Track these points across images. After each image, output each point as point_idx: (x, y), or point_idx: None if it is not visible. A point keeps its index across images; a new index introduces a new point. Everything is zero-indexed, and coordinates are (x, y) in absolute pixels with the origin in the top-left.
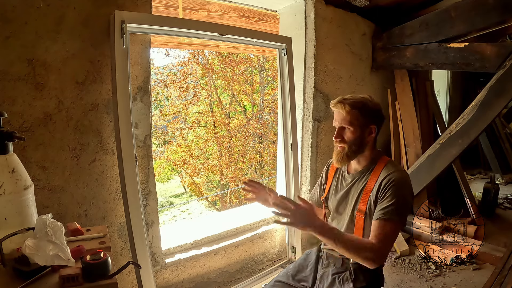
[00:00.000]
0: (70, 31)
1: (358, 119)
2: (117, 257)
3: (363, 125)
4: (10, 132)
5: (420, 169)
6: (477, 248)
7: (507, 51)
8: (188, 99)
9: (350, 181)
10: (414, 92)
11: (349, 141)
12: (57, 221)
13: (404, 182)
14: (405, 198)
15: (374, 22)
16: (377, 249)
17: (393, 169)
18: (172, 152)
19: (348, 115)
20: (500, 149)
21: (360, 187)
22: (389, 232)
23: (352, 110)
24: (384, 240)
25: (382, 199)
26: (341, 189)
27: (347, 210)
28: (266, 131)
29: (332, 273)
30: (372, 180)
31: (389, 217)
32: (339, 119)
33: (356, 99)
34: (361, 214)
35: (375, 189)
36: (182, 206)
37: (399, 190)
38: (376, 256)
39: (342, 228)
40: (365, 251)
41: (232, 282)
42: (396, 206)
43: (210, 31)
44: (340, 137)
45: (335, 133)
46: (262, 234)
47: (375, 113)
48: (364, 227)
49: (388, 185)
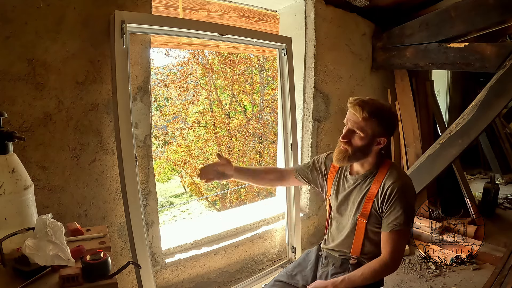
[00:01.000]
0: (70, 31)
1: (372, 128)
2: (117, 257)
3: (374, 135)
4: (10, 132)
5: (420, 169)
6: (477, 248)
7: (507, 51)
8: (188, 99)
9: (353, 183)
10: (414, 92)
11: (355, 146)
12: (57, 221)
13: (408, 189)
14: (411, 205)
15: (374, 22)
16: (392, 264)
17: (396, 176)
18: (172, 152)
19: (363, 122)
20: (500, 149)
21: (363, 191)
22: (400, 241)
23: (368, 118)
24: (396, 251)
25: (388, 210)
26: (343, 189)
27: (348, 213)
28: (266, 131)
29: (332, 273)
30: (375, 185)
31: (399, 228)
32: (352, 121)
33: (375, 106)
34: (363, 218)
35: (379, 195)
36: (182, 206)
37: (404, 199)
38: (394, 268)
39: (343, 233)
40: (382, 273)
41: (232, 282)
42: (404, 216)
43: (210, 31)
44: (347, 138)
45: (343, 132)
46: (262, 234)
47: (390, 125)
48: (366, 230)
49: (393, 195)
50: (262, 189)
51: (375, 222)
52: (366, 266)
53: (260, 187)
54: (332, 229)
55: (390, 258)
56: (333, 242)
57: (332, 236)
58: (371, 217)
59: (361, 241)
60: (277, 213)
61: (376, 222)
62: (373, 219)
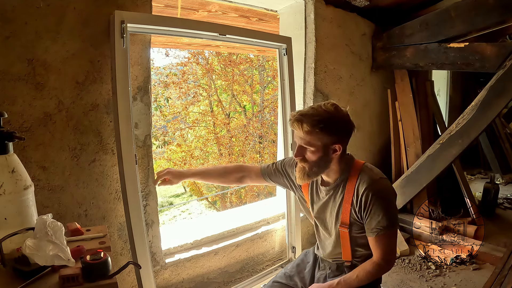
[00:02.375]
0: (70, 31)
1: (320, 139)
2: (117, 257)
3: (327, 145)
4: (10, 132)
5: (420, 169)
6: (477, 248)
7: (507, 51)
8: (188, 99)
9: (325, 194)
10: (414, 92)
11: (311, 161)
12: (57, 221)
13: (383, 191)
14: (390, 206)
15: (374, 22)
16: (384, 265)
17: (368, 181)
18: (172, 152)
19: (308, 136)
20: (500, 149)
21: (337, 202)
22: (388, 242)
23: (312, 130)
24: (386, 252)
25: (368, 216)
26: (318, 201)
27: (329, 224)
28: (266, 131)
29: (329, 276)
30: (348, 193)
31: (384, 232)
32: (298, 138)
33: (316, 115)
34: (345, 227)
35: (355, 204)
36: (182, 206)
37: (382, 202)
38: (387, 268)
39: (329, 243)
40: (376, 274)
41: (232, 282)
42: (386, 218)
43: (210, 31)
44: (300, 155)
45: (295, 150)
46: (262, 234)
47: (341, 128)
48: (350, 237)
49: (369, 202)
50: (262, 189)
51: (358, 229)
52: (360, 268)
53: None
54: (320, 238)
55: (382, 259)
56: (324, 252)
57: (321, 245)
58: (352, 225)
59: (349, 248)
60: (277, 213)
61: (358, 228)
62: (355, 227)
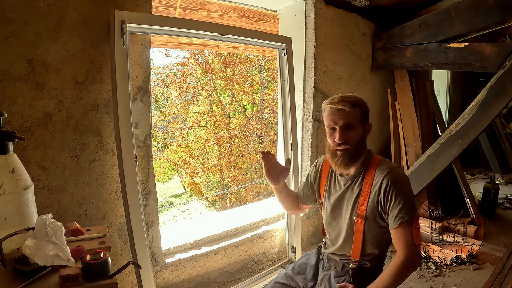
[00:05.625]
0: (70, 31)
1: (359, 118)
2: (117, 257)
3: (363, 124)
4: (10, 132)
5: (420, 169)
6: (477, 248)
7: (507, 51)
8: (188, 99)
9: (344, 184)
10: (414, 92)
11: (352, 142)
12: (57, 221)
13: (402, 178)
14: (410, 193)
15: (374, 22)
16: (410, 261)
17: (387, 170)
18: (172, 152)
19: (351, 115)
20: (500, 149)
21: (356, 191)
22: (411, 233)
23: (353, 109)
24: (410, 245)
25: (389, 205)
26: (335, 192)
27: (344, 216)
28: (266, 131)
29: (334, 276)
30: (367, 183)
31: (406, 220)
32: (343, 118)
33: (352, 98)
34: (361, 219)
35: (374, 193)
36: (182, 206)
37: (401, 189)
38: (415, 264)
39: (341, 236)
40: (406, 272)
41: (232, 282)
42: (407, 206)
43: (210, 31)
44: (344, 138)
45: (338, 134)
46: (262, 234)
47: (367, 111)
48: (365, 231)
49: (389, 189)
50: (262, 189)
51: (372, 225)
52: (390, 271)
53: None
54: (330, 233)
55: (406, 258)
56: (333, 246)
57: (331, 240)
58: (368, 218)
59: (360, 243)
60: (277, 213)
61: (373, 224)
62: (370, 221)
